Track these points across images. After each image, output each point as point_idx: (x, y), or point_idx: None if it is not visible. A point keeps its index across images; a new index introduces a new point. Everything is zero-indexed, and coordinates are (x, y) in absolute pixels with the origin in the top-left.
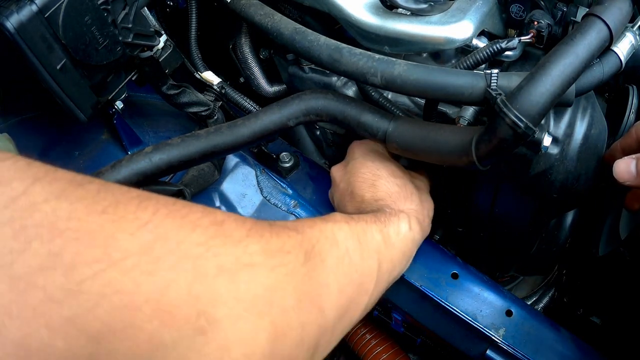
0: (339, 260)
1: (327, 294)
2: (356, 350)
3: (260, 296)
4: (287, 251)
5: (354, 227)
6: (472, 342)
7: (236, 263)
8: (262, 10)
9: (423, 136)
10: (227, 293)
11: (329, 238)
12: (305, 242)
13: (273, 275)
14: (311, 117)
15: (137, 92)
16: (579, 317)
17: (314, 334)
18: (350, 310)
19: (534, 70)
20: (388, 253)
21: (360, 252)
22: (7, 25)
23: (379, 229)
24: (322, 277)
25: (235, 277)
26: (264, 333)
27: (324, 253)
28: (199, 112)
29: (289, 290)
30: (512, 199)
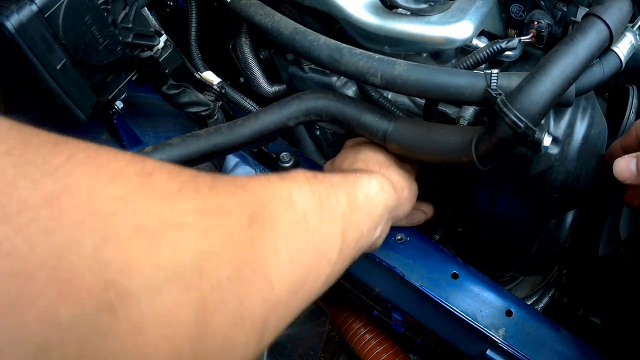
0: (292, 224)
1: (275, 263)
2: (356, 350)
3: (188, 264)
4: (227, 211)
5: (316, 188)
6: (472, 342)
7: (160, 223)
8: (262, 10)
9: (423, 136)
10: (144, 259)
11: (283, 198)
12: (253, 202)
13: (206, 239)
14: (311, 117)
15: (137, 92)
16: (579, 317)
17: (259, 309)
18: (308, 283)
19: (534, 70)
20: (354, 218)
21: (321, 216)
22: (7, 25)
23: (346, 191)
24: (270, 243)
25: (157, 240)
26: (190, 310)
27: (275, 215)
28: (199, 112)
29: (226, 257)
30: (512, 199)
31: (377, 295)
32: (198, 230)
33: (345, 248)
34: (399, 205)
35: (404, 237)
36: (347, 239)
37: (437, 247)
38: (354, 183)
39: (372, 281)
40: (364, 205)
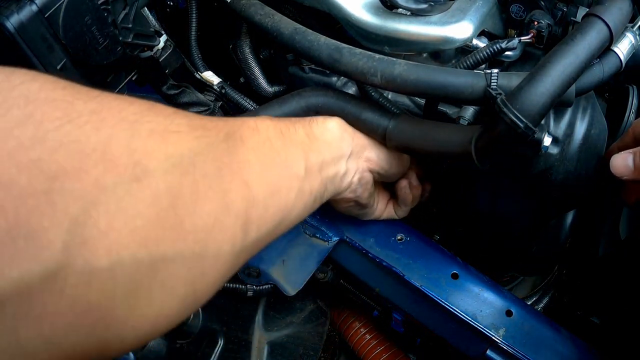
0: (259, 144)
1: (248, 169)
2: (356, 350)
3: (185, 156)
4: (209, 129)
5: (277, 122)
6: (472, 342)
7: (165, 129)
8: (262, 10)
9: (423, 134)
10: (158, 149)
11: (250, 127)
12: (227, 127)
13: (196, 142)
14: (311, 114)
15: (137, 92)
16: (579, 317)
17: (240, 203)
18: (282, 191)
19: (534, 70)
20: (313, 145)
21: (283, 140)
22: (7, 25)
23: (302, 125)
24: (243, 154)
25: (165, 139)
26: (187, 189)
27: (245, 137)
28: (199, 112)
29: (210, 157)
30: (512, 199)
31: (377, 295)
32: (190, 136)
33: (310, 168)
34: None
35: (404, 237)
36: (310, 160)
37: (437, 247)
38: (310, 120)
39: (372, 281)
40: (320, 136)
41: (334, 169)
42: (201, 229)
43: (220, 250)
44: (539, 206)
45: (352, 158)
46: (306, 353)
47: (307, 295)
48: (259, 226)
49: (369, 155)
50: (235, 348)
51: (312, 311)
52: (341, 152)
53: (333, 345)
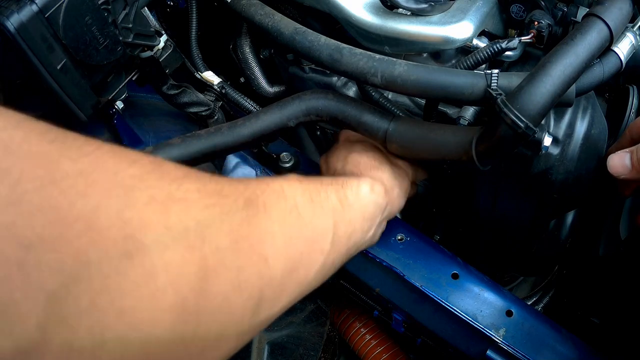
0: (285, 212)
1: (270, 242)
2: (356, 350)
3: (192, 229)
4: (225, 195)
5: (306, 185)
6: (472, 342)
7: (169, 197)
8: (263, 10)
9: (423, 136)
10: (156, 221)
11: (276, 191)
12: (248, 191)
13: (207, 212)
14: (312, 117)
15: (137, 92)
16: (579, 317)
17: (255, 281)
18: (302, 267)
19: (534, 71)
20: (345, 214)
21: (312, 209)
22: (8, 25)
23: (335, 190)
24: (265, 225)
25: (167, 208)
26: (193, 267)
27: (268, 204)
28: (199, 112)
29: (224, 229)
30: (512, 199)
31: (377, 295)
32: (200, 205)
33: (338, 241)
34: (391, 205)
35: (404, 237)
36: (339, 233)
37: (437, 247)
38: (343, 183)
39: (372, 281)
40: (354, 203)
41: (361, 237)
42: (205, 311)
43: (224, 333)
44: (539, 206)
45: (380, 221)
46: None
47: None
48: (272, 305)
49: (394, 210)
50: None
51: (312, 311)
52: (372, 220)
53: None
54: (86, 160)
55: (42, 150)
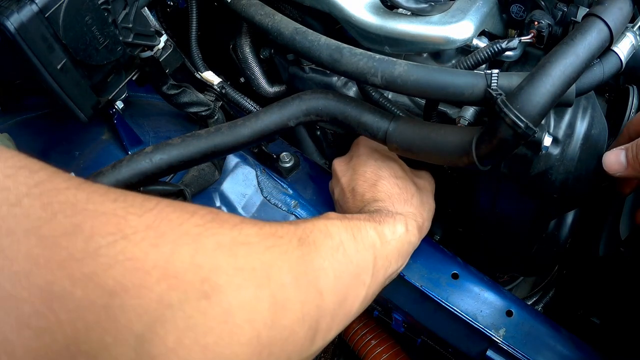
0: (333, 249)
1: (324, 277)
2: (356, 350)
3: (258, 269)
4: (280, 236)
5: (347, 224)
6: (472, 342)
7: (233, 241)
8: (263, 10)
9: (423, 136)
10: (227, 264)
11: (322, 231)
12: (299, 231)
13: (269, 253)
14: (312, 117)
15: (137, 92)
16: (579, 317)
17: (314, 314)
18: (349, 299)
19: (535, 71)
20: (383, 250)
21: (355, 245)
22: (8, 25)
23: (374, 227)
24: (318, 262)
25: (234, 252)
26: (265, 303)
27: (318, 242)
28: (199, 112)
29: (285, 268)
30: (512, 199)
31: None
32: (261, 247)
33: (376, 274)
34: (422, 236)
35: None
36: (377, 266)
37: (437, 247)
38: (381, 221)
39: None
40: (392, 240)
41: (395, 269)
42: (277, 342)
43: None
44: (539, 206)
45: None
46: None
47: None
48: (325, 336)
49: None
50: None
51: None
52: (407, 256)
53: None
54: (151, 215)
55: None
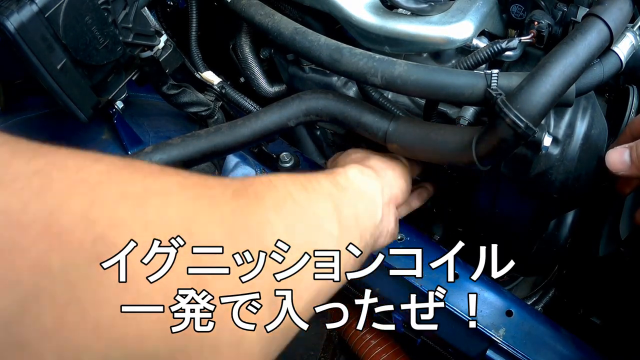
0: (280, 200)
1: (271, 231)
2: (356, 350)
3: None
4: (210, 186)
5: (295, 177)
6: (472, 342)
7: (145, 190)
8: (263, 10)
9: (423, 136)
10: (131, 218)
11: (264, 183)
12: (235, 184)
13: (191, 205)
14: (311, 117)
15: (137, 92)
16: (579, 317)
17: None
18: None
19: (535, 71)
20: (343, 196)
21: (307, 195)
22: (8, 25)
23: (324, 176)
24: (261, 215)
25: (143, 203)
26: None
27: (260, 194)
28: (199, 112)
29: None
30: (512, 199)
31: (377, 295)
32: (183, 197)
33: (346, 223)
34: (389, 187)
35: (404, 237)
36: (343, 214)
37: (437, 247)
38: (332, 172)
39: (372, 281)
40: (348, 186)
41: (371, 220)
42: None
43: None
44: (539, 206)
45: (384, 203)
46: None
47: None
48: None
49: (395, 192)
50: None
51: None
52: (374, 200)
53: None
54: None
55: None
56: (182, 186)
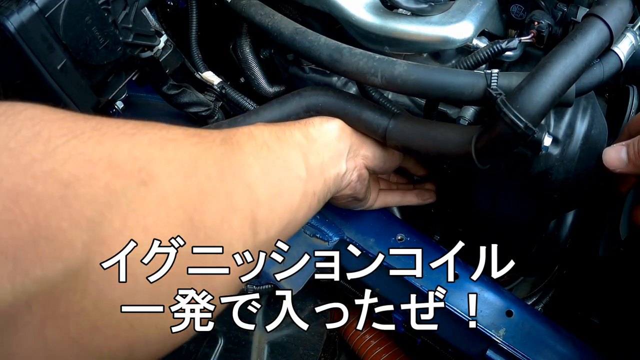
0: (257, 148)
1: (249, 171)
2: (356, 350)
3: (186, 161)
4: (204, 136)
5: (272, 128)
6: (472, 342)
7: (163, 138)
8: (263, 10)
9: (423, 133)
10: (159, 156)
11: (245, 133)
12: (222, 134)
13: (194, 148)
14: (312, 114)
15: (137, 92)
16: (579, 317)
17: (245, 204)
18: (285, 193)
19: (534, 71)
20: (311, 146)
21: (280, 144)
22: (8, 25)
23: (298, 128)
24: (242, 158)
25: (164, 146)
26: (193, 190)
27: (241, 142)
28: (199, 112)
29: (210, 161)
30: (512, 199)
31: (377, 295)
32: (187, 142)
33: (312, 170)
34: (358, 144)
35: (404, 237)
36: (310, 162)
37: (436, 247)
38: (306, 122)
39: (372, 281)
40: (318, 137)
41: (335, 170)
42: (210, 227)
43: (231, 248)
44: (539, 206)
45: (350, 157)
46: (306, 353)
47: (307, 295)
48: (267, 228)
49: (366, 153)
50: (235, 348)
51: (312, 311)
52: (339, 152)
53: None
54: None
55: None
56: (185, 135)
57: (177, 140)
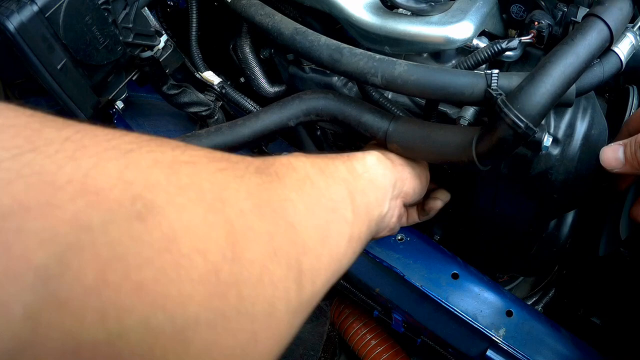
0: (299, 181)
1: (293, 209)
2: (356, 350)
3: (208, 190)
4: (235, 161)
5: (313, 159)
6: (472, 342)
7: (174, 160)
8: (263, 10)
9: (423, 136)
10: (166, 181)
11: (284, 164)
12: (257, 162)
13: (220, 175)
14: (312, 117)
15: (137, 92)
16: (579, 317)
17: (290, 249)
18: (332, 237)
19: (535, 71)
20: (357, 184)
21: (325, 178)
22: (8, 25)
23: (342, 162)
24: (283, 192)
25: (175, 170)
26: (220, 230)
27: (280, 173)
28: (199, 112)
29: (242, 192)
30: (512, 200)
31: (377, 295)
32: (211, 168)
33: (358, 211)
34: (401, 182)
35: (404, 237)
36: (356, 202)
37: (437, 247)
38: (350, 156)
39: (372, 281)
40: (363, 173)
41: (378, 211)
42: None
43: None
44: (539, 206)
45: (393, 196)
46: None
47: None
48: (313, 279)
49: (407, 190)
50: None
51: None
52: (385, 192)
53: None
54: (71, 129)
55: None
56: (208, 158)
57: (195, 164)
